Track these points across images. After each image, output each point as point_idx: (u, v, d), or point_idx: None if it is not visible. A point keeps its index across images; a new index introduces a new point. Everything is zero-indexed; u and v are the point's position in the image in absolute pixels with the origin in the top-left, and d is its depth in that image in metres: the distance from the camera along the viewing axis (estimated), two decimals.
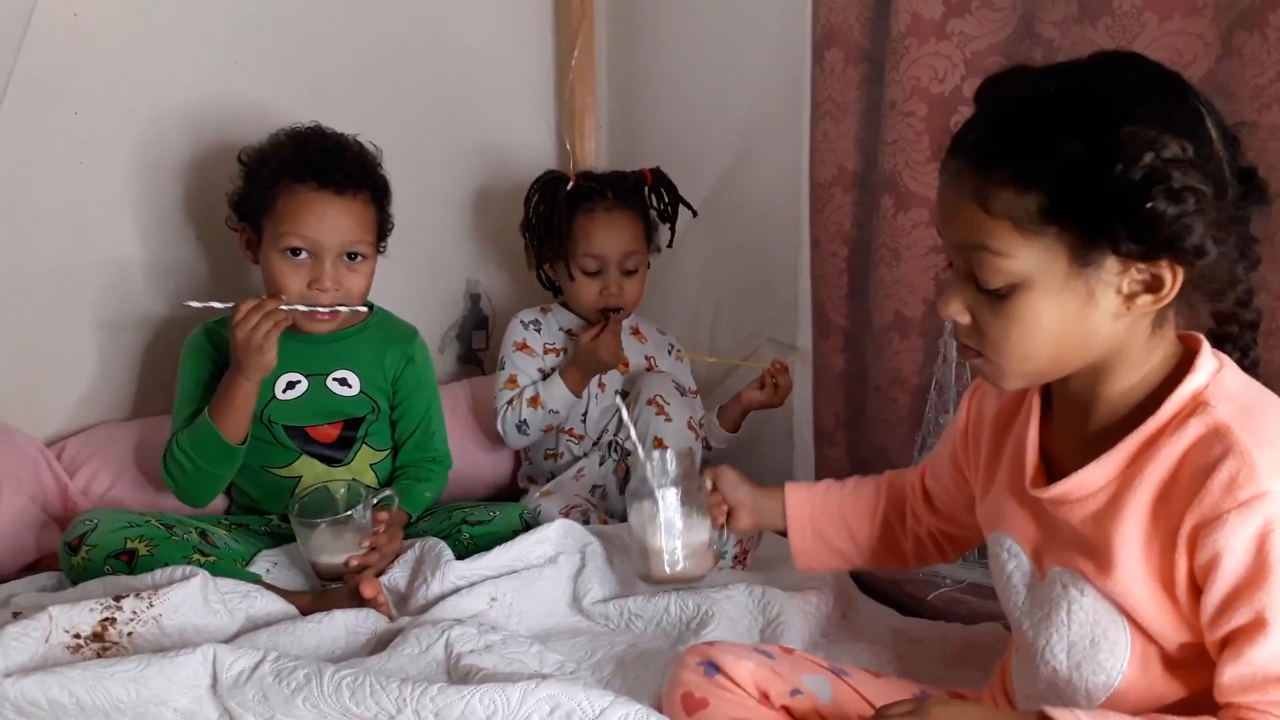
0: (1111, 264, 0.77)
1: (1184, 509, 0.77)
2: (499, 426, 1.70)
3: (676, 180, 1.80)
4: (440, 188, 2.00)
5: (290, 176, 1.42)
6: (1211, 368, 0.81)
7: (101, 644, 1.09)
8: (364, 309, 1.56)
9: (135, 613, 1.10)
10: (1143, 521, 0.80)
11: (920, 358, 1.66)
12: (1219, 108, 0.81)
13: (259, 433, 1.40)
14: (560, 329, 1.78)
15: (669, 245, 1.79)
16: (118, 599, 1.11)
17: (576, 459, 1.71)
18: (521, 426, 1.69)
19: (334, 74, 1.82)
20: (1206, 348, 0.82)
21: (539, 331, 1.76)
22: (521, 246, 1.82)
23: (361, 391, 1.53)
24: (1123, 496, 0.81)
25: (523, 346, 1.74)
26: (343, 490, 1.38)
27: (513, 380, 1.72)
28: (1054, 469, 0.89)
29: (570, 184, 1.72)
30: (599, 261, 1.70)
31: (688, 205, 1.78)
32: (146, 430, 1.59)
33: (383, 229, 1.53)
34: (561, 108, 2.09)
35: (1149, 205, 0.73)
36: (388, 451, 1.58)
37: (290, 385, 1.49)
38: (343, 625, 1.20)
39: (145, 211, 1.67)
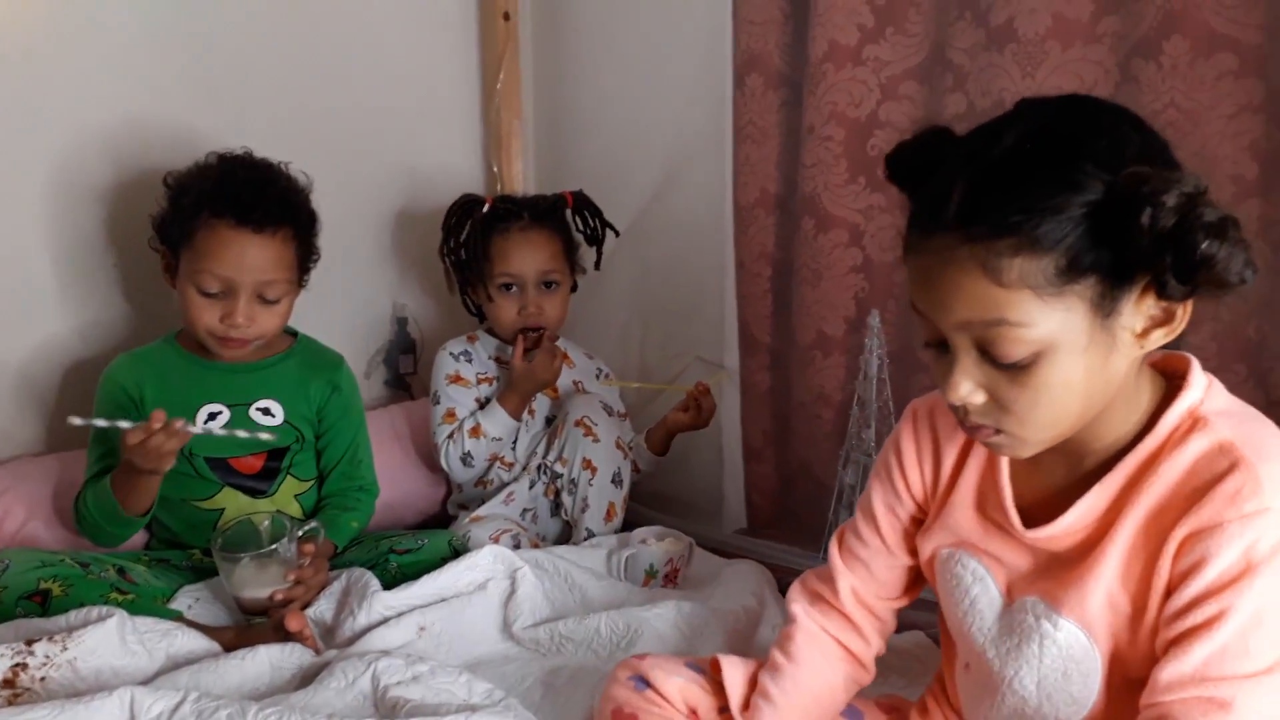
0: (1128, 306, 0.74)
1: (1176, 520, 0.76)
2: (443, 462, 1.70)
3: (602, 202, 1.81)
4: (366, 211, 1.99)
5: (210, 210, 1.39)
6: (1204, 384, 0.80)
7: (12, 690, 1.05)
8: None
9: (48, 657, 1.07)
10: (1129, 542, 0.79)
11: (843, 374, 1.70)
12: None
13: (180, 466, 1.38)
14: (490, 357, 1.78)
15: (596, 267, 1.80)
16: (29, 643, 1.08)
17: (505, 484, 1.71)
18: (466, 459, 1.68)
19: (258, 96, 1.80)
20: (1196, 366, 0.81)
21: (470, 362, 1.75)
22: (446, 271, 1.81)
23: (285, 421, 1.51)
24: (1114, 520, 0.80)
25: (456, 378, 1.73)
26: (266, 523, 1.36)
27: (450, 414, 1.71)
28: (1032, 505, 0.86)
29: (486, 206, 1.72)
30: (516, 279, 1.69)
31: (610, 226, 1.79)
32: (61, 465, 1.55)
33: (305, 264, 1.51)
34: (488, 130, 2.09)
35: (1202, 247, 0.69)
36: (312, 481, 1.56)
37: (211, 416, 1.46)
38: (267, 661, 1.18)
39: (61, 238, 1.63)
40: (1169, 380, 0.83)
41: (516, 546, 1.54)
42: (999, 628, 0.89)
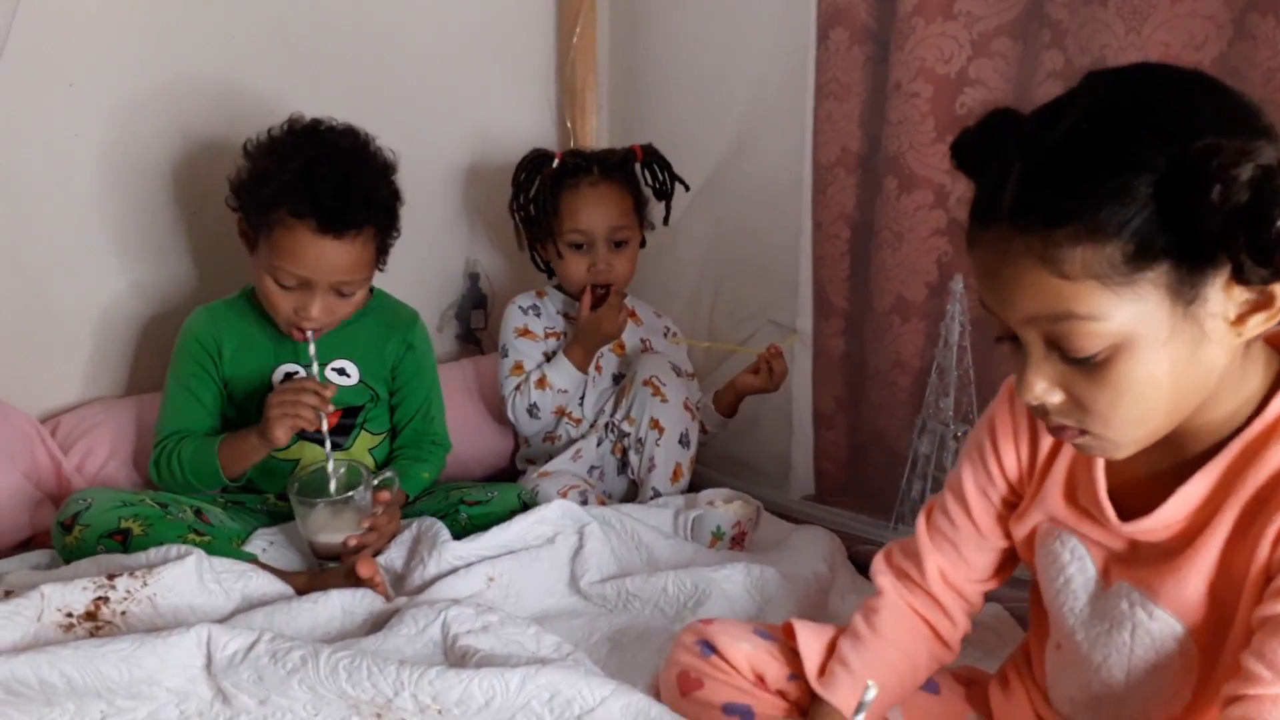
0: (1215, 292, 0.68)
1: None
2: (510, 414, 1.70)
3: (676, 160, 1.78)
4: (439, 166, 1.98)
5: (289, 210, 1.32)
6: None
7: (95, 623, 1.08)
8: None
9: (129, 591, 1.09)
10: (1230, 531, 0.75)
11: (921, 341, 1.65)
12: None
13: (258, 421, 1.39)
14: (558, 312, 1.77)
15: (665, 222, 1.77)
16: (111, 578, 1.10)
17: (574, 441, 1.70)
18: (533, 410, 1.68)
19: (332, 52, 1.79)
20: None
21: (538, 316, 1.75)
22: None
23: (360, 381, 1.51)
24: (1216, 509, 0.75)
25: (524, 332, 1.73)
26: (342, 470, 1.36)
27: (518, 366, 1.71)
28: (1127, 493, 0.82)
29: (556, 161, 1.69)
30: (585, 237, 1.67)
31: (681, 181, 1.76)
32: (142, 407, 1.58)
33: (384, 251, 1.47)
34: (562, 85, 2.07)
35: (1278, 224, 0.63)
36: (385, 434, 1.57)
37: (288, 376, 1.47)
38: (339, 605, 1.19)
39: (141, 186, 1.65)
40: None
41: (584, 503, 1.54)
42: (1091, 610, 0.85)
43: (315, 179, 1.31)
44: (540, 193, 1.69)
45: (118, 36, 1.59)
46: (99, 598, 1.08)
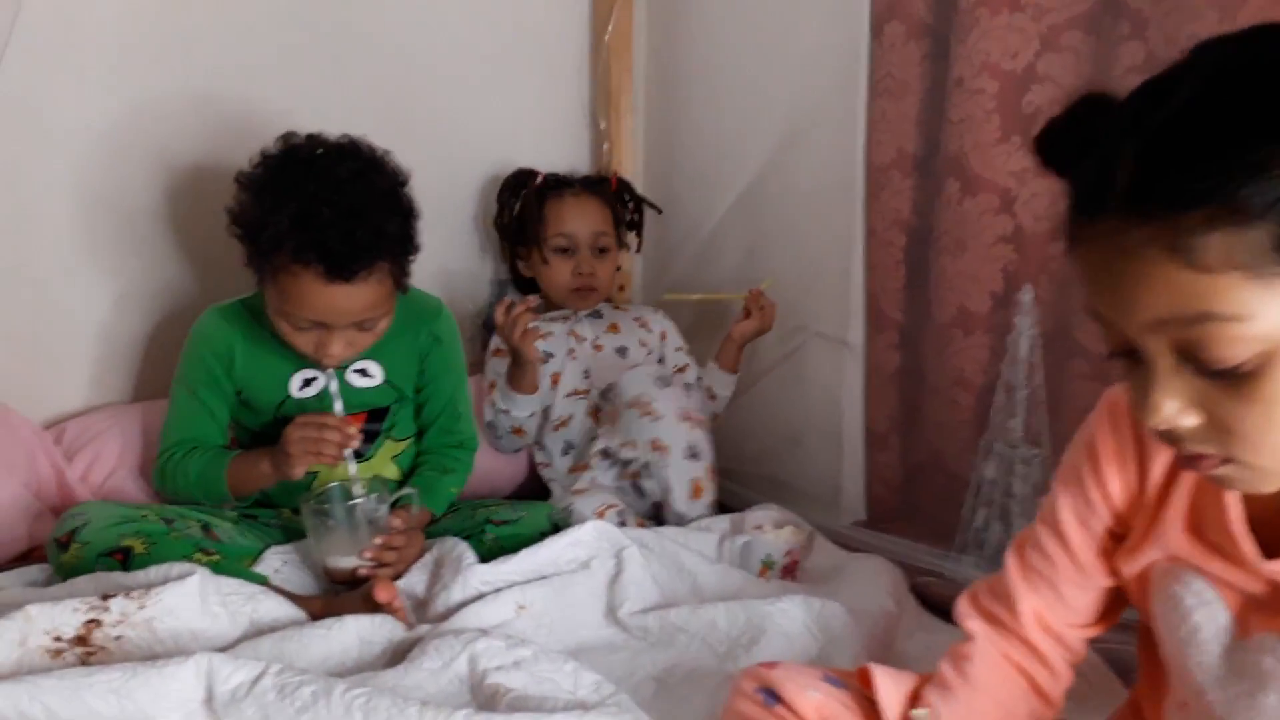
0: None
1: None
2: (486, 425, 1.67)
3: (718, 163, 1.73)
4: (466, 169, 1.89)
5: (292, 257, 1.20)
6: None
7: (85, 648, 0.97)
8: None
9: (124, 614, 0.99)
10: None
11: (986, 356, 1.53)
12: None
13: (274, 433, 1.29)
14: (540, 316, 1.72)
15: (637, 250, 1.84)
16: (105, 598, 1.00)
17: (596, 420, 1.64)
18: (491, 429, 1.65)
19: (355, 50, 1.72)
20: None
21: None
22: None
23: (385, 381, 1.41)
24: None
25: (496, 351, 1.69)
26: (359, 487, 1.26)
27: (492, 385, 1.67)
28: (1269, 525, 0.70)
29: (539, 179, 1.76)
30: (570, 241, 1.71)
31: (652, 205, 1.84)
32: (150, 414, 1.48)
33: (403, 278, 1.33)
34: (596, 85, 1.97)
35: None
36: (410, 440, 1.47)
37: (306, 382, 1.37)
38: (355, 633, 1.09)
39: (151, 185, 1.57)
40: None
41: (622, 524, 1.43)
42: (1226, 667, 0.72)
43: (317, 222, 1.18)
44: (526, 203, 1.74)
45: (128, 34, 1.52)
46: (91, 620, 0.98)
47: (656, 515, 1.56)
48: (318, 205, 1.19)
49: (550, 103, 1.95)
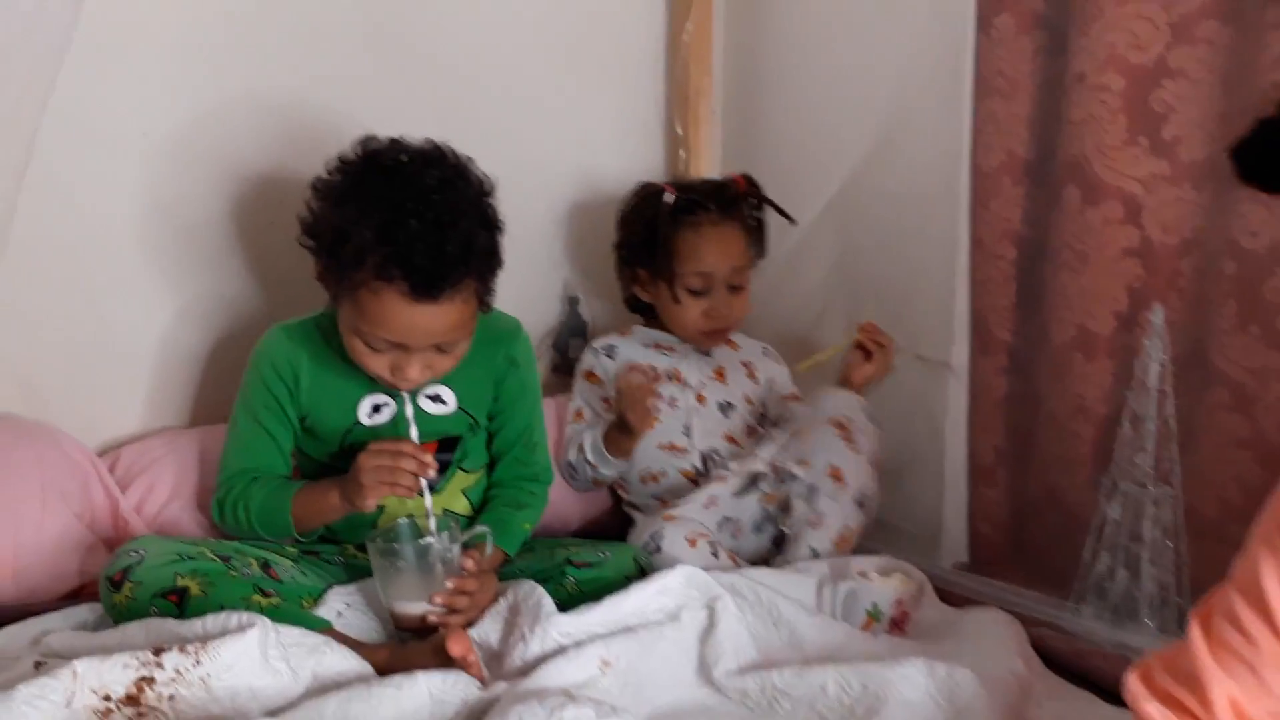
0: None
1: None
2: (564, 461, 1.54)
3: (803, 171, 1.62)
4: (534, 181, 1.77)
5: (374, 273, 1.10)
6: None
7: (136, 709, 0.89)
8: None
9: (178, 671, 0.90)
10: None
11: (1109, 382, 1.39)
12: None
13: (340, 463, 1.20)
14: (644, 346, 1.59)
15: (760, 255, 1.61)
16: (158, 653, 0.91)
17: (692, 481, 1.49)
18: (569, 471, 1.53)
19: (420, 57, 1.63)
20: None
21: (611, 358, 1.58)
22: None
23: (458, 408, 1.31)
24: None
25: (588, 375, 1.58)
26: (432, 524, 1.17)
27: (578, 414, 1.55)
28: None
29: (671, 196, 1.52)
30: (707, 280, 1.52)
31: (783, 213, 1.60)
32: (207, 441, 1.40)
33: (488, 296, 1.24)
34: (672, 88, 1.86)
35: None
36: (481, 472, 1.37)
37: (376, 409, 1.27)
38: (427, 692, 0.99)
39: (213, 196, 1.50)
40: None
41: (714, 555, 1.33)
42: None
43: (404, 236, 1.09)
44: (658, 231, 1.52)
45: (189, 41, 1.46)
46: (143, 678, 0.89)
47: (762, 559, 1.44)
48: (404, 216, 1.10)
49: (623, 106, 1.85)
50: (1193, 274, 1.31)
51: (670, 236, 1.50)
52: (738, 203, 1.55)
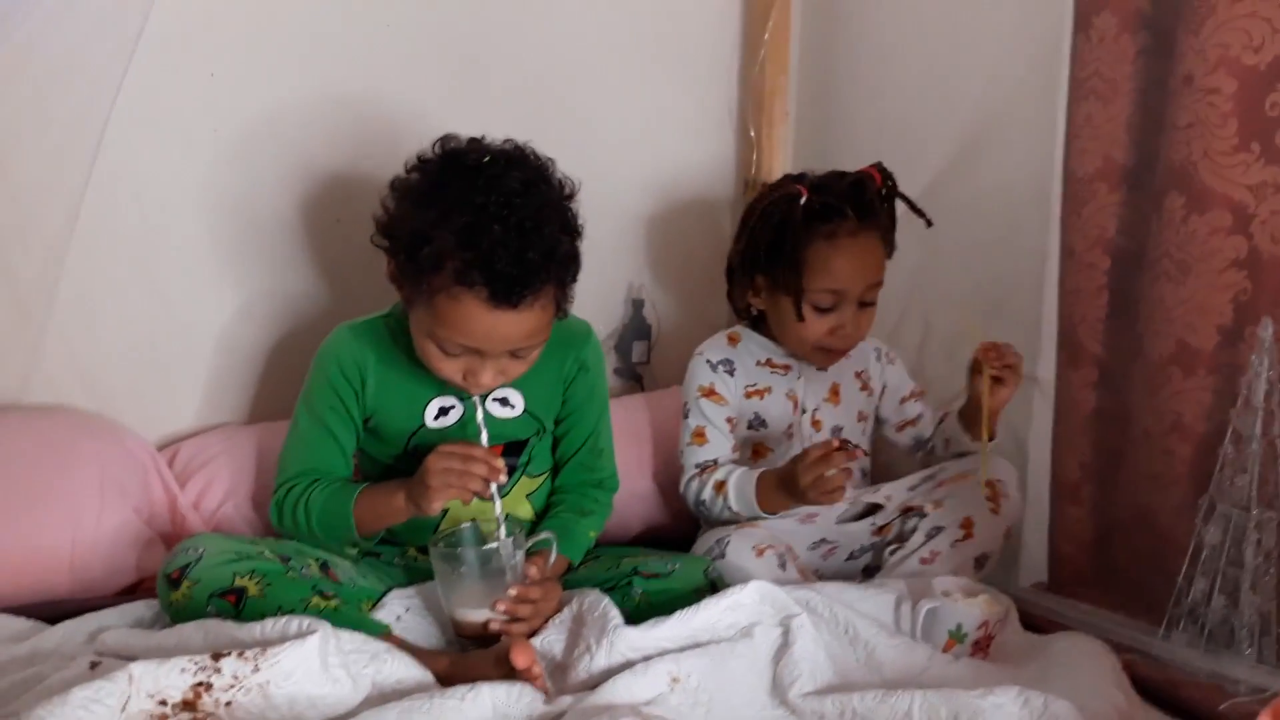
0: None
1: None
2: (682, 489, 1.41)
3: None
4: (601, 178, 1.69)
5: (454, 278, 1.06)
6: None
7: (193, 715, 0.85)
8: None
9: (236, 677, 0.87)
10: None
11: (1209, 400, 1.31)
12: None
13: (404, 466, 1.16)
14: (758, 363, 1.44)
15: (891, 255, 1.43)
16: (216, 658, 0.87)
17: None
18: (700, 507, 1.39)
19: (490, 54, 1.60)
20: None
21: (731, 374, 1.42)
22: (689, 251, 1.57)
23: (526, 411, 1.26)
24: None
25: (709, 393, 1.41)
26: (500, 531, 1.13)
27: (699, 434, 1.40)
28: None
29: (803, 198, 1.33)
30: (837, 298, 1.35)
31: (920, 212, 1.41)
32: (265, 438, 1.38)
33: (565, 303, 1.19)
34: (747, 89, 1.81)
35: None
36: (545, 476, 1.32)
37: (443, 411, 1.23)
38: (490, 704, 0.95)
39: (280, 190, 1.48)
40: None
41: (782, 567, 1.26)
42: None
43: (486, 241, 1.05)
44: (786, 238, 1.33)
45: (260, 35, 1.44)
46: (199, 683, 0.85)
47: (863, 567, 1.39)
48: (487, 220, 1.05)
49: (696, 107, 1.80)
50: None
51: (801, 246, 1.32)
52: (876, 207, 1.37)
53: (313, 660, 0.90)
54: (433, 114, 1.30)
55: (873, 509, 1.39)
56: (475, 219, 1.05)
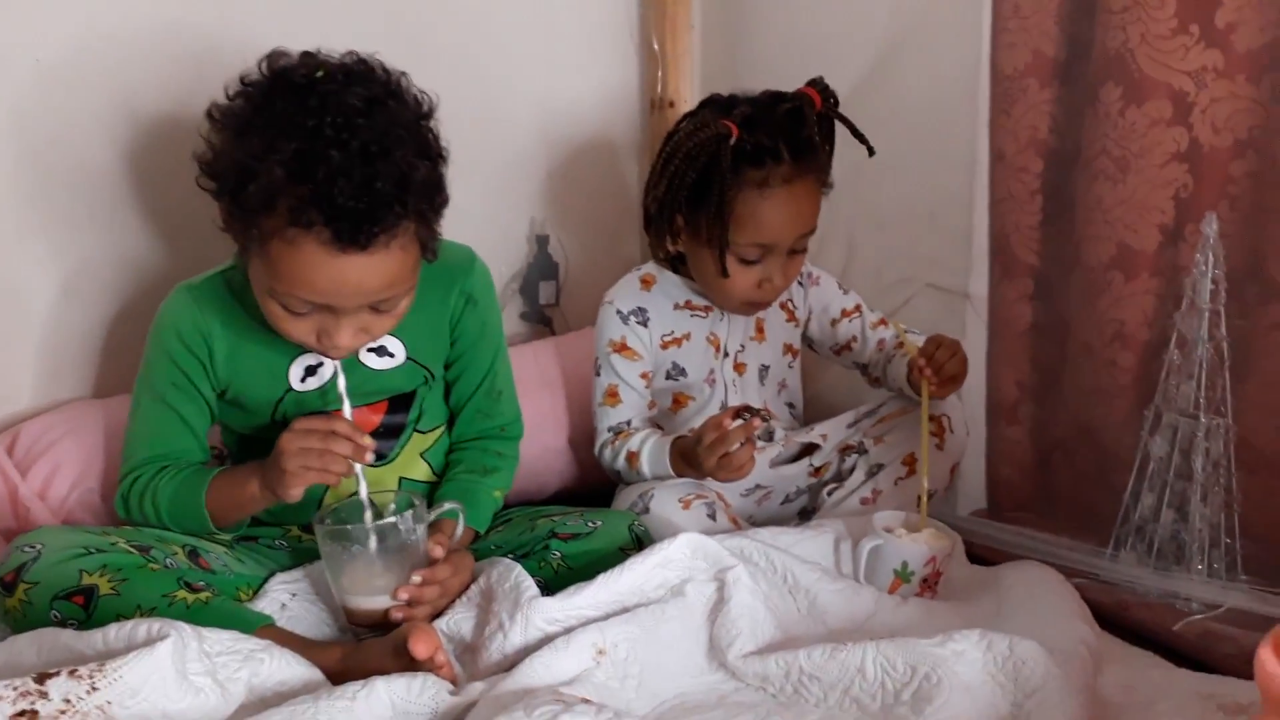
0: None
1: None
2: (596, 452, 1.29)
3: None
4: (495, 104, 1.58)
5: (288, 219, 0.89)
6: None
7: None
8: None
9: (68, 701, 0.72)
10: None
11: (1153, 305, 1.25)
12: None
13: (274, 437, 0.98)
14: (675, 306, 1.30)
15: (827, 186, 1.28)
16: (41, 679, 0.72)
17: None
18: (615, 474, 1.29)
19: None
20: None
21: (645, 324, 1.28)
22: (595, 180, 1.45)
23: (409, 359, 1.11)
24: None
25: (621, 348, 1.28)
26: (392, 505, 0.99)
27: (612, 393, 1.28)
28: None
29: (733, 137, 1.16)
30: (765, 250, 1.21)
31: (864, 140, 1.26)
32: (118, 411, 1.20)
33: (432, 242, 1.01)
34: None
35: None
36: (440, 430, 1.17)
37: (310, 371, 1.07)
38: (388, 701, 0.82)
39: (109, 134, 1.27)
40: None
41: (711, 517, 1.16)
42: None
43: (323, 170, 0.88)
44: (714, 187, 1.16)
45: None
46: (20, 713, 0.70)
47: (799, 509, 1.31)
48: (323, 145, 0.88)
49: (592, 21, 1.64)
50: (1248, 179, 1.16)
51: (728, 196, 1.16)
52: (814, 143, 1.20)
53: (166, 670, 0.76)
54: (292, 38, 1.09)
55: (809, 449, 1.29)
56: (308, 145, 0.87)
